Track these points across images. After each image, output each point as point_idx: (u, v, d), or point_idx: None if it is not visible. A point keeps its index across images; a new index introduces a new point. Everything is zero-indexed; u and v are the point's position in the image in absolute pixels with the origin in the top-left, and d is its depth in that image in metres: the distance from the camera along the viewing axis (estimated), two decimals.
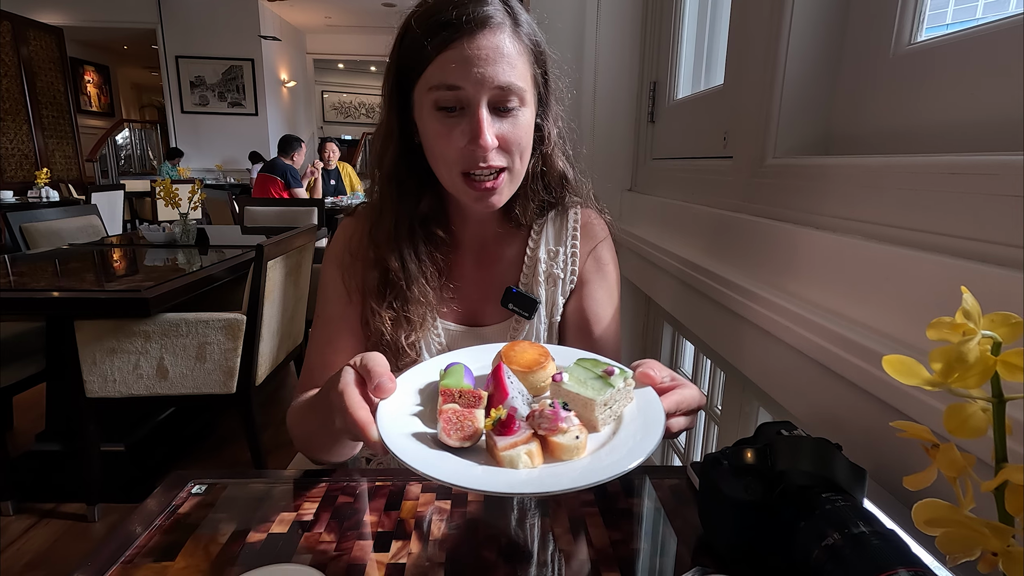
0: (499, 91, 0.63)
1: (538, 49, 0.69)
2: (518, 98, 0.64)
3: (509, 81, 0.62)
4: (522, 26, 0.66)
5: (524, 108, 0.66)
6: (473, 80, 0.61)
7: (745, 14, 0.92)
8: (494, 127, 0.64)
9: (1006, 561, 0.27)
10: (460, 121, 0.64)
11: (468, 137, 0.63)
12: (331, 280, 0.78)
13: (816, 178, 0.72)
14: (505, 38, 0.63)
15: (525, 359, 0.51)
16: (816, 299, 0.65)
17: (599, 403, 0.45)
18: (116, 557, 0.51)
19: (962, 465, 0.30)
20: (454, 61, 0.61)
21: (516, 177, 0.70)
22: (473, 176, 0.66)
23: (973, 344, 0.28)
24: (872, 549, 0.40)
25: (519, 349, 0.53)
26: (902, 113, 0.67)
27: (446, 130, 0.64)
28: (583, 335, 0.80)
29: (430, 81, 0.63)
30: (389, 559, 0.51)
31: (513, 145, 0.66)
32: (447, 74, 0.62)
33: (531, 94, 0.67)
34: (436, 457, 0.40)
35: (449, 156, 0.65)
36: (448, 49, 0.61)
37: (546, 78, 0.72)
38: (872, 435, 0.52)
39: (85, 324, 1.60)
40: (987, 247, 0.46)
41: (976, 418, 0.31)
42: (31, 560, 1.58)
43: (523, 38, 0.66)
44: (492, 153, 0.64)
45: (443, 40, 0.61)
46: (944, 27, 0.77)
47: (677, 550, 0.54)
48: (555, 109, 0.75)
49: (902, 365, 0.31)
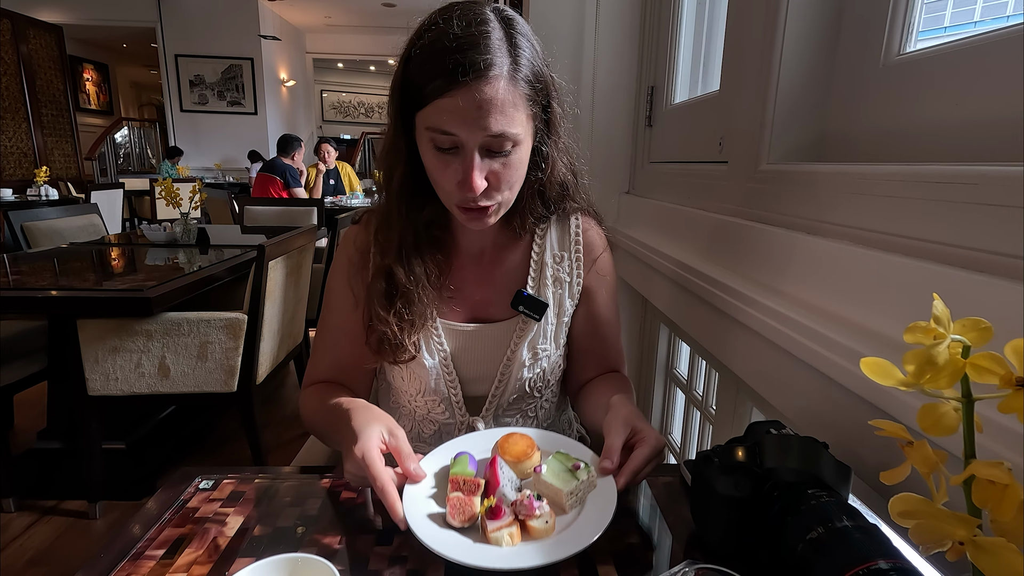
0: (492, 139, 0.64)
1: (539, 83, 0.68)
2: (511, 142, 0.65)
3: (502, 130, 0.63)
4: (521, 68, 0.65)
5: (518, 147, 0.67)
6: (466, 130, 0.62)
7: (740, 22, 0.95)
8: (486, 167, 0.66)
9: (971, 550, 0.29)
10: (454, 160, 0.66)
11: (459, 177, 0.65)
12: (338, 287, 0.81)
13: (807, 184, 0.74)
14: (500, 87, 0.62)
15: (516, 451, 0.62)
16: (806, 302, 0.67)
17: (566, 493, 0.57)
18: (127, 549, 0.53)
19: (934, 461, 0.32)
20: (448, 111, 0.62)
21: (507, 204, 0.73)
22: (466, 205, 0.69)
23: (943, 348, 0.30)
24: (854, 542, 0.42)
25: (512, 441, 0.64)
26: (891, 121, 0.70)
27: (442, 165, 0.67)
28: (591, 337, 0.87)
29: (426, 120, 0.65)
30: (391, 552, 0.53)
31: (503, 183, 0.68)
32: (441, 121, 0.63)
33: (527, 132, 0.68)
34: (443, 535, 0.53)
35: (444, 187, 0.69)
36: (443, 97, 0.62)
37: (548, 108, 0.71)
38: (858, 434, 0.54)
39: (88, 323, 1.61)
40: (967, 253, 0.48)
41: (948, 417, 0.33)
42: (33, 557, 1.60)
43: (520, 83, 0.64)
44: (483, 193, 0.67)
45: (438, 88, 0.62)
46: (942, 30, 0.79)
47: (669, 544, 0.56)
48: (559, 130, 0.75)
49: (878, 367, 0.33)
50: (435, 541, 0.51)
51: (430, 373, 0.79)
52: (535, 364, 0.81)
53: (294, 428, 2.44)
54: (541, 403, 0.86)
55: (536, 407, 0.85)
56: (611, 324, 0.88)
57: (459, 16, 0.63)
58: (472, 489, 0.55)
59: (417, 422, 0.84)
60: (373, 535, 0.56)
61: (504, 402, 0.82)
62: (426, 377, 0.79)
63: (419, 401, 0.82)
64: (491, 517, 0.53)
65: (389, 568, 0.51)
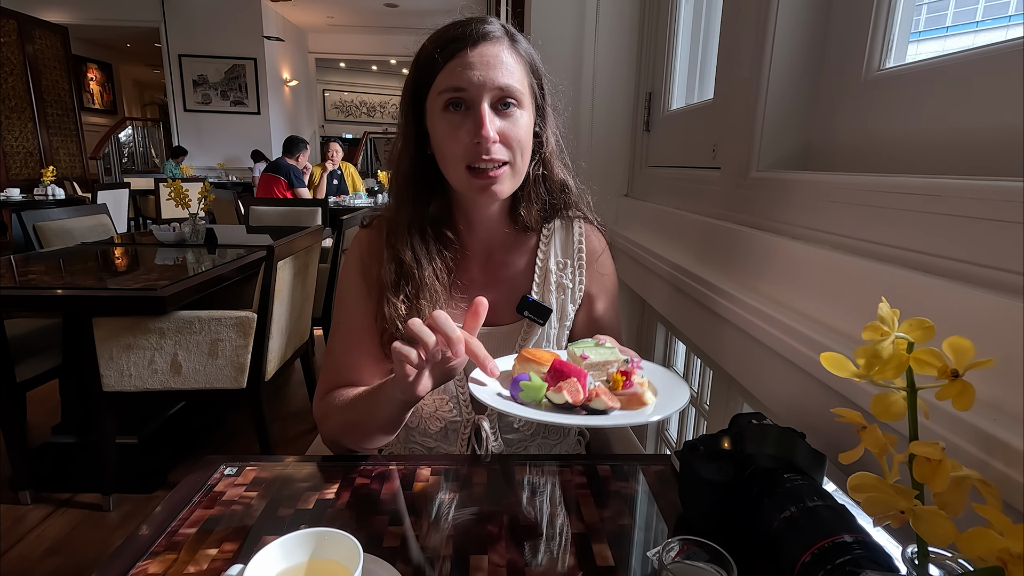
0: (499, 91, 0.73)
1: (534, 65, 0.79)
2: (516, 100, 0.74)
3: (507, 83, 0.73)
4: (519, 43, 0.77)
5: (522, 110, 0.76)
6: (476, 82, 0.72)
7: (732, 34, 0.99)
8: (495, 124, 0.73)
9: (912, 518, 0.34)
10: (465, 120, 0.73)
11: (472, 132, 0.72)
12: (352, 287, 0.84)
13: (791, 191, 0.79)
14: (503, 49, 0.74)
15: (546, 357, 0.67)
16: (786, 301, 0.71)
17: (618, 360, 0.67)
18: (163, 528, 0.58)
19: (883, 443, 0.37)
20: (460, 67, 0.72)
21: (518, 172, 0.78)
22: (477, 168, 0.74)
23: (887, 344, 0.35)
24: (823, 519, 0.47)
25: (537, 352, 0.67)
26: (870, 132, 0.74)
27: (453, 129, 0.74)
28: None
29: (439, 87, 0.74)
30: (404, 532, 0.58)
31: (513, 140, 0.75)
32: (454, 78, 0.72)
33: (528, 99, 0.77)
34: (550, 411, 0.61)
35: (456, 152, 0.74)
36: (455, 58, 0.72)
37: (543, 91, 0.81)
38: (833, 425, 0.59)
39: (103, 321, 1.66)
40: (927, 259, 0.53)
41: (897, 405, 0.38)
42: (50, 547, 1.65)
43: (520, 52, 0.77)
44: (494, 146, 0.73)
45: (450, 51, 0.73)
46: (944, 30, 0.83)
47: (659, 525, 0.61)
48: (552, 122, 0.83)
49: (835, 360, 0.38)
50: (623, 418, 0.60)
51: None
52: None
53: (301, 423, 2.49)
54: None
55: None
56: (612, 325, 0.92)
57: (460, 17, 0.76)
58: (576, 382, 0.61)
59: (424, 419, 0.89)
60: (387, 516, 0.60)
61: None
62: None
63: (427, 398, 0.86)
64: (628, 385, 0.61)
65: (403, 545, 0.56)
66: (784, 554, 0.47)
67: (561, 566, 0.54)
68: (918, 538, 0.36)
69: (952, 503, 0.34)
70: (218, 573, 0.51)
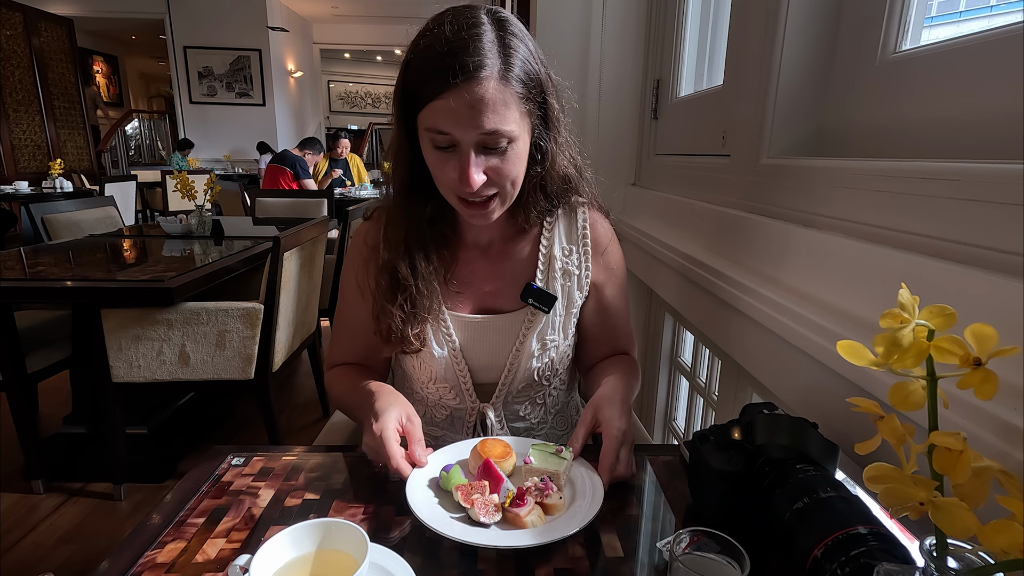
0: (486, 136, 0.67)
1: (533, 81, 0.69)
2: (506, 139, 0.68)
3: (495, 128, 0.66)
4: (513, 67, 0.67)
5: (515, 143, 0.70)
6: (460, 129, 0.66)
7: (743, 19, 0.97)
8: (483, 163, 0.69)
9: (931, 509, 0.33)
10: (452, 157, 0.69)
11: (458, 173, 0.69)
12: (350, 281, 0.87)
13: (804, 178, 0.77)
14: (490, 87, 0.65)
15: (496, 453, 0.66)
16: (800, 290, 0.70)
17: (562, 472, 0.63)
18: (171, 517, 0.58)
19: (901, 433, 0.36)
20: (442, 111, 0.65)
21: (508, 198, 0.75)
22: (467, 199, 0.73)
23: (907, 331, 0.34)
24: (836, 510, 0.46)
25: (490, 446, 0.67)
26: (886, 117, 0.72)
27: (441, 162, 0.70)
28: (600, 326, 0.90)
29: (425, 121, 0.68)
30: (409, 520, 0.58)
31: (503, 177, 0.71)
32: (437, 121, 0.67)
33: (522, 129, 0.70)
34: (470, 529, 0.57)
35: (444, 183, 0.73)
36: (438, 99, 0.65)
37: (544, 104, 0.73)
38: (846, 415, 0.58)
39: (111, 312, 1.67)
40: (947, 245, 0.52)
41: (916, 394, 0.37)
42: (63, 535, 1.67)
43: (512, 82, 0.67)
44: (480, 187, 0.70)
45: (433, 91, 0.65)
46: (957, 15, 0.80)
47: (667, 515, 0.60)
48: (558, 125, 0.77)
49: (853, 349, 0.37)
50: (469, 535, 0.55)
51: (440, 362, 0.83)
52: (544, 354, 0.84)
53: (308, 414, 2.51)
54: (550, 390, 0.89)
55: (545, 394, 0.89)
56: (620, 313, 0.91)
57: (452, 21, 0.67)
58: (482, 490, 0.60)
59: (429, 407, 0.89)
60: (394, 506, 0.60)
61: (514, 389, 0.86)
62: (436, 366, 0.83)
63: (431, 388, 0.86)
64: (518, 505, 0.58)
65: (408, 535, 0.56)
66: (796, 545, 0.46)
67: (570, 556, 0.53)
68: (937, 530, 0.35)
69: (973, 494, 0.33)
70: (226, 562, 0.51)
